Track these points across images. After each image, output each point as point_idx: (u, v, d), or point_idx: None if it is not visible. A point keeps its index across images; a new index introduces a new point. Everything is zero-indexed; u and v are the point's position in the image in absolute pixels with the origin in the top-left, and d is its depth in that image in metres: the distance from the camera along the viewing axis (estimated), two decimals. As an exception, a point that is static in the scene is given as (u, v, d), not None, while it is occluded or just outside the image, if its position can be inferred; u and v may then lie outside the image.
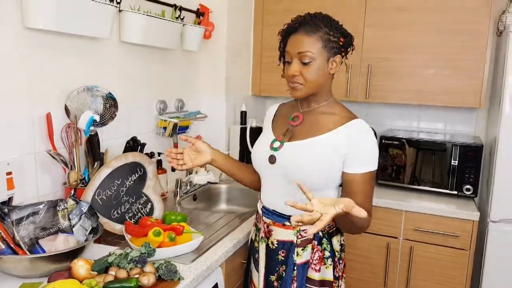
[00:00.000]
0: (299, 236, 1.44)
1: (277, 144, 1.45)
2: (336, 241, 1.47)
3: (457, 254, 2.27)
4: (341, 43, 1.36)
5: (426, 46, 2.45)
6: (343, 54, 1.39)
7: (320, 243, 1.44)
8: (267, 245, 1.51)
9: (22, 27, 1.47)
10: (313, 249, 1.44)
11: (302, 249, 1.44)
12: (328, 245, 1.45)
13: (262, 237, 1.53)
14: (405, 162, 2.52)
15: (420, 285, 2.36)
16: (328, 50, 1.35)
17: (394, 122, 2.93)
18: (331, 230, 1.46)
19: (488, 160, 2.47)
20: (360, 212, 1.06)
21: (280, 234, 1.47)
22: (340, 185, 1.45)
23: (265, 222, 1.52)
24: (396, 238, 2.38)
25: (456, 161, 2.40)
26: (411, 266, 2.35)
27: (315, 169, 1.37)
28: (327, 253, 1.44)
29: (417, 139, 2.51)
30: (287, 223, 1.45)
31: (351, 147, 1.35)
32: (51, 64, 1.61)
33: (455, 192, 2.43)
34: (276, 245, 1.48)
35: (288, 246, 1.46)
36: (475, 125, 2.75)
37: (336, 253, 1.47)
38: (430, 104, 2.51)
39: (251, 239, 1.64)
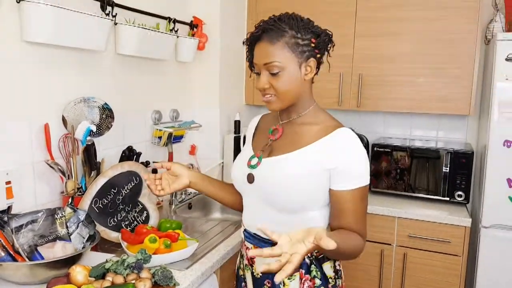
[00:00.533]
0: None
1: (254, 161, 1.31)
2: (329, 266, 1.30)
3: (450, 260, 2.30)
4: (313, 45, 1.21)
5: (415, 55, 2.51)
6: (318, 55, 1.24)
7: (308, 271, 1.27)
8: (252, 274, 1.36)
9: (21, 40, 1.51)
10: (301, 278, 1.27)
11: (289, 278, 1.28)
12: (318, 272, 1.28)
13: (246, 264, 1.39)
14: (397, 170, 2.56)
15: (414, 291, 2.39)
16: (298, 55, 1.21)
17: (386, 130, 2.98)
18: (320, 256, 1.29)
19: (479, 167, 2.52)
20: (328, 244, 0.94)
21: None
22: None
23: (247, 248, 1.37)
24: (390, 244, 2.41)
25: (448, 168, 2.44)
26: (405, 273, 2.38)
27: (296, 188, 1.23)
28: (318, 281, 1.27)
29: (409, 146, 2.56)
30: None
31: (337, 160, 1.20)
32: (49, 76, 1.65)
33: (447, 199, 2.47)
34: (260, 274, 1.33)
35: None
36: (466, 132, 2.80)
37: (330, 280, 1.30)
38: (420, 112, 2.57)
39: (237, 266, 1.49)
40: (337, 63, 2.66)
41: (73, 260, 1.34)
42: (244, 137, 2.62)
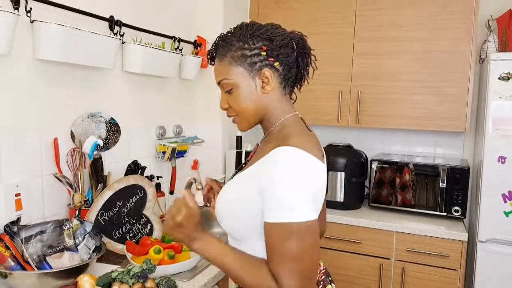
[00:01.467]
0: None
1: None
2: None
3: (448, 274, 2.33)
4: (264, 53, 1.07)
5: (412, 74, 2.58)
6: (276, 63, 1.09)
7: None
8: None
9: (33, 58, 1.59)
10: None
11: None
12: None
13: None
14: (395, 185, 2.61)
15: (412, 305, 2.42)
16: (248, 67, 1.08)
17: (385, 147, 3.04)
18: None
19: (476, 182, 2.57)
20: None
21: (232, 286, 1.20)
22: None
23: None
24: (389, 259, 2.45)
25: (445, 184, 2.49)
26: (404, 287, 2.41)
27: (233, 211, 1.10)
28: None
29: (407, 162, 2.61)
30: None
31: (261, 184, 1.01)
32: (59, 92, 1.72)
33: (445, 214, 2.51)
34: None
35: None
36: (463, 149, 2.86)
37: None
38: (418, 129, 2.63)
39: None
40: (336, 81, 2.74)
41: (79, 270, 1.38)
42: (246, 152, 2.69)
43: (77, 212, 1.63)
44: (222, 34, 1.13)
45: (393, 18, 2.59)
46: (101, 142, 1.78)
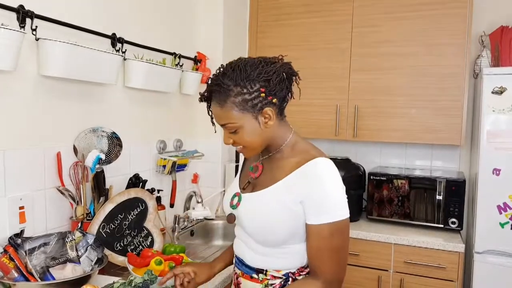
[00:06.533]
0: None
1: (235, 200, 1.31)
2: None
3: (446, 285, 2.35)
4: (263, 95, 1.14)
5: (408, 88, 2.64)
6: (274, 100, 1.16)
7: None
8: None
9: (38, 75, 1.63)
10: None
11: None
12: None
13: None
14: (393, 198, 2.64)
15: (411, 317, 2.43)
16: (250, 110, 1.15)
17: (383, 160, 3.08)
18: None
19: (472, 194, 2.60)
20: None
21: (248, 287, 1.30)
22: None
23: (235, 273, 1.38)
24: (387, 270, 2.47)
25: (441, 196, 2.53)
26: (402, 298, 2.43)
27: (274, 223, 1.20)
28: None
29: (404, 175, 2.64)
30: (254, 276, 1.28)
31: (304, 192, 1.15)
32: (63, 107, 1.76)
33: (442, 226, 2.54)
34: None
35: None
36: (459, 161, 2.90)
37: None
38: (414, 142, 2.67)
39: None
40: (334, 95, 2.80)
41: (82, 281, 1.41)
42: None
43: (79, 224, 1.66)
44: (216, 77, 1.16)
45: (388, 34, 2.66)
46: (103, 156, 1.82)
